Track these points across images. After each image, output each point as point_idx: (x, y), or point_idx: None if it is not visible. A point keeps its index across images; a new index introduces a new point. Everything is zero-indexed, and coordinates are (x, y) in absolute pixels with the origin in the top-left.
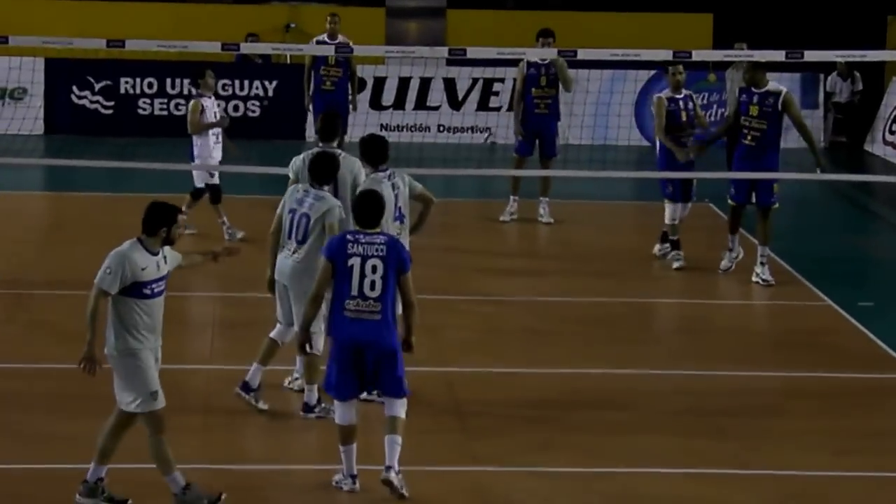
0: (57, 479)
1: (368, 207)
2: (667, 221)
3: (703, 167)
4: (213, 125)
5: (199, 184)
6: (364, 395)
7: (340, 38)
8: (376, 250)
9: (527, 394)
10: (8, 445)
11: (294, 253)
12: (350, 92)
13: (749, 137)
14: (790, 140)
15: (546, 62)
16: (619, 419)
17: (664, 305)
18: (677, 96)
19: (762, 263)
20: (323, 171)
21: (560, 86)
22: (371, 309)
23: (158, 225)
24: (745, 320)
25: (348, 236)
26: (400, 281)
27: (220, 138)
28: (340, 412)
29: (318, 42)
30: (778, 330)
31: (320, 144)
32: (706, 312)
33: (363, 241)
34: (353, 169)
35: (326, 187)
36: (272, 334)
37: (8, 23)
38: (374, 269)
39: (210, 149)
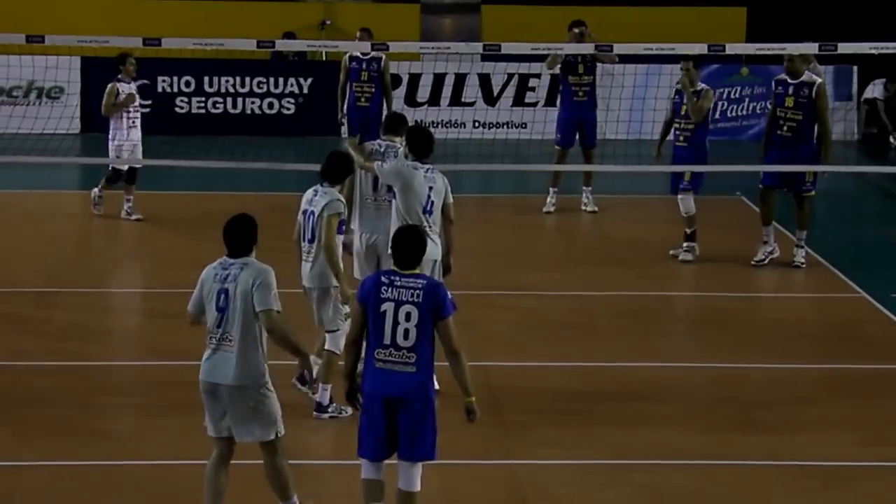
0: (98, 475)
1: (408, 244)
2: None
3: (735, 160)
4: (121, 104)
5: (119, 166)
6: None
7: (373, 54)
8: (412, 295)
9: (562, 387)
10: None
11: (308, 254)
12: (385, 106)
13: (785, 128)
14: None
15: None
16: (653, 411)
17: (696, 298)
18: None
19: (799, 247)
20: (333, 170)
21: (595, 75)
22: (405, 360)
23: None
24: (778, 312)
25: (383, 278)
26: (439, 328)
27: (137, 121)
28: (366, 468)
29: (352, 57)
30: (810, 321)
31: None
32: (739, 305)
33: (398, 283)
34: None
35: (337, 186)
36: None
37: (44, 22)
38: (407, 316)
39: (124, 131)
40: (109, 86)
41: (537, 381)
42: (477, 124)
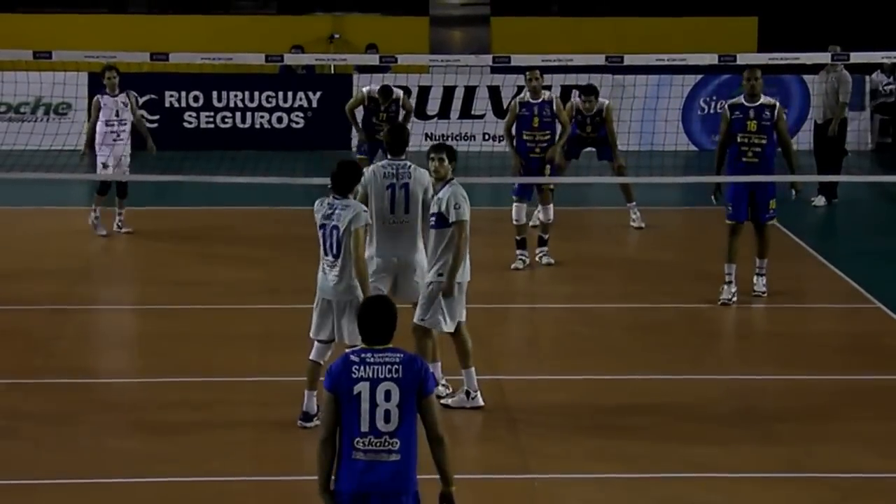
0: (110, 493)
1: (376, 317)
2: (524, 221)
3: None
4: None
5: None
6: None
7: (394, 97)
8: (389, 371)
9: (577, 400)
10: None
11: (332, 268)
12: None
13: (750, 153)
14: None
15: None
16: (671, 424)
17: (711, 310)
18: (532, 101)
19: (760, 275)
20: (344, 181)
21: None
22: (388, 447)
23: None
24: (793, 324)
25: (352, 357)
26: (422, 407)
27: (123, 135)
28: None
29: (370, 97)
30: (827, 332)
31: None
32: (755, 316)
33: (371, 360)
34: (424, 182)
35: (351, 196)
36: (312, 356)
37: (51, 38)
38: (387, 395)
39: (106, 145)
40: (94, 100)
41: (552, 394)
42: (487, 137)
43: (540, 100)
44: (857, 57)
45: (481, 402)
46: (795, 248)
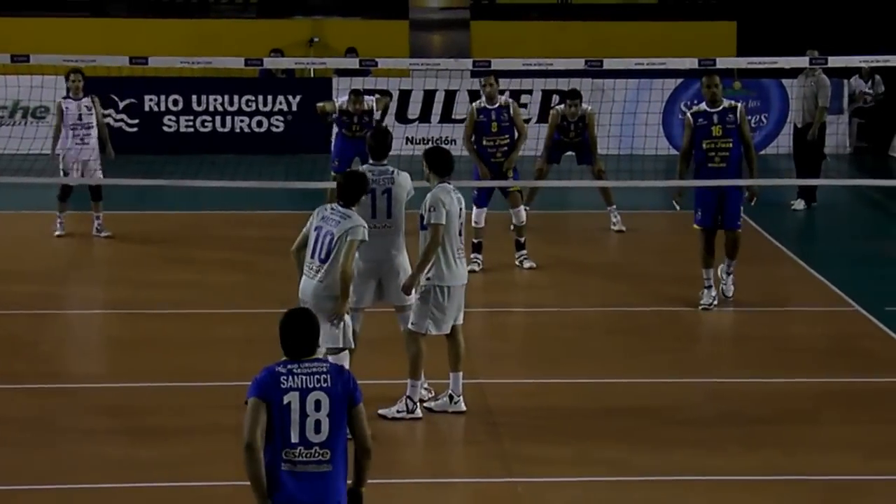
0: (93, 499)
1: (299, 330)
2: (483, 225)
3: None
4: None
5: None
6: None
7: (366, 106)
8: (319, 380)
9: (559, 404)
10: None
11: (317, 272)
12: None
13: (717, 159)
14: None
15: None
16: (653, 428)
17: (692, 314)
18: (489, 107)
19: (728, 273)
20: (351, 191)
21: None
22: (318, 458)
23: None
24: (773, 327)
25: (278, 368)
26: (351, 417)
27: (89, 139)
28: None
29: (342, 110)
30: (807, 335)
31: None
32: (735, 320)
33: (298, 371)
34: (406, 186)
35: (354, 207)
36: None
37: (30, 41)
38: (317, 405)
39: (70, 149)
40: (57, 104)
41: (534, 398)
42: None
43: (496, 105)
44: (835, 61)
45: (464, 408)
46: (775, 251)
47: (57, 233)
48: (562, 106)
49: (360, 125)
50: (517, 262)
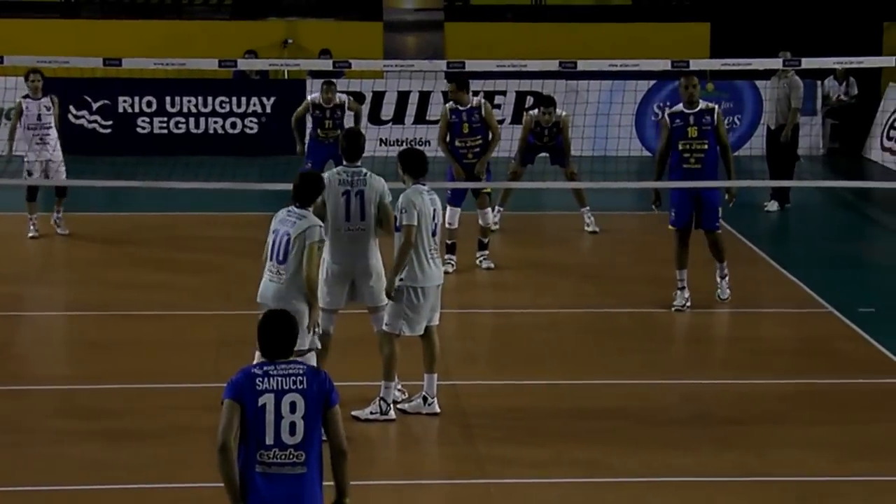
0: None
1: (276, 332)
2: (456, 225)
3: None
4: (14, 122)
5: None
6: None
7: (336, 102)
8: (294, 382)
9: (533, 405)
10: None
11: (277, 274)
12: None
13: (692, 160)
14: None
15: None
16: (626, 429)
17: (667, 315)
18: (460, 108)
19: (722, 278)
20: (306, 192)
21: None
22: (293, 460)
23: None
24: (747, 328)
25: (254, 370)
26: (326, 419)
27: (48, 139)
28: None
29: (315, 105)
30: (780, 337)
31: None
32: (709, 321)
33: (274, 372)
34: (379, 188)
35: (310, 208)
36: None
37: (2, 43)
38: (292, 407)
39: (31, 150)
40: (17, 102)
41: (508, 399)
42: None
43: (468, 106)
44: (808, 62)
45: (437, 409)
46: (748, 252)
47: (30, 234)
48: (535, 111)
49: (332, 121)
50: (477, 262)
